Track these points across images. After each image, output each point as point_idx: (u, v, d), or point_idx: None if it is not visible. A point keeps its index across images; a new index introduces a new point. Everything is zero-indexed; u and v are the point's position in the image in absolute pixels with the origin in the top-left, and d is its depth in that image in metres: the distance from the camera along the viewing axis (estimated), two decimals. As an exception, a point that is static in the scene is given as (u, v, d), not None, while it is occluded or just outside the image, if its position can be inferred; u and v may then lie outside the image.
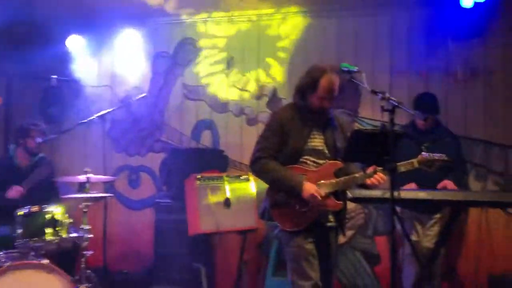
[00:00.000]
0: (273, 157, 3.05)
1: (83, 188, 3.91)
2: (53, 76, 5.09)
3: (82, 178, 3.91)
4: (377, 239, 4.75)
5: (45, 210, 3.74)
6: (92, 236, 3.86)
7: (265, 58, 5.14)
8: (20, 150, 4.44)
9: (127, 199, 5.46)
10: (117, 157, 5.45)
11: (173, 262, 4.58)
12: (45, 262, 3.55)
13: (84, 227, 3.82)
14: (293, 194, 3.00)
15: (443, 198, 3.55)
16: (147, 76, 5.44)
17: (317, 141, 3.09)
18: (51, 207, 3.76)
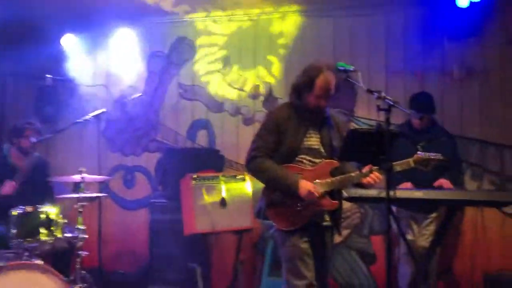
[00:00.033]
0: (269, 156, 3.04)
1: (78, 188, 3.89)
2: (48, 76, 5.06)
3: (77, 178, 3.90)
4: (373, 239, 4.75)
5: (40, 210, 3.72)
6: (87, 236, 3.84)
7: (261, 58, 5.13)
8: (14, 150, 4.41)
9: (122, 199, 5.44)
10: (112, 157, 5.43)
11: (169, 262, 4.56)
12: (40, 263, 3.53)
13: (79, 227, 3.81)
14: (289, 193, 2.99)
15: (439, 198, 3.55)
16: (143, 76, 5.43)
17: (313, 140, 3.08)
18: (46, 207, 3.75)
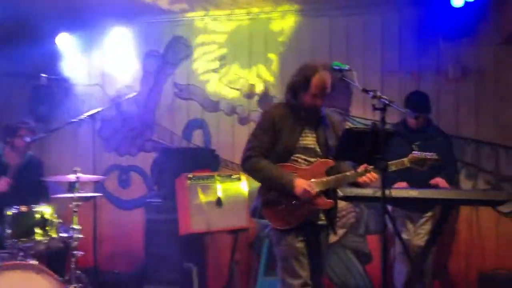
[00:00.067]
0: (264, 156, 3.03)
1: (73, 188, 3.88)
2: (43, 75, 5.05)
3: (72, 178, 3.88)
4: (369, 238, 4.75)
5: (35, 210, 3.71)
6: (82, 236, 3.83)
7: (257, 57, 5.12)
8: (8, 149, 4.39)
9: (118, 199, 5.42)
10: (107, 157, 5.41)
11: (164, 262, 4.55)
12: (34, 263, 3.52)
13: (74, 227, 3.79)
14: (285, 192, 2.99)
15: (434, 197, 3.55)
16: (138, 75, 5.41)
17: (309, 139, 3.08)
18: (41, 207, 3.73)
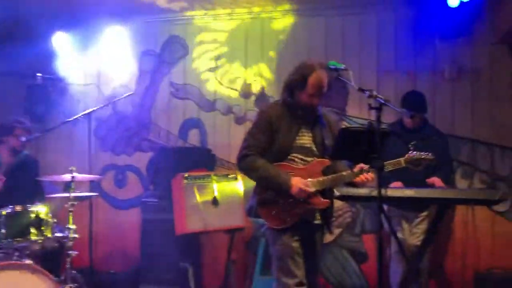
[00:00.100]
0: (260, 155, 3.03)
1: (68, 187, 3.86)
2: (38, 74, 5.02)
3: (68, 177, 3.86)
4: (365, 237, 4.76)
5: (30, 210, 3.69)
6: (78, 236, 3.82)
7: (253, 57, 5.12)
8: (3, 148, 4.36)
9: (114, 199, 5.41)
10: (103, 156, 5.40)
11: (160, 262, 4.54)
12: (29, 263, 3.50)
13: (70, 227, 3.78)
14: (281, 192, 2.98)
15: (430, 196, 3.56)
16: (134, 75, 5.40)
17: (306, 139, 3.08)
18: (36, 207, 3.71)
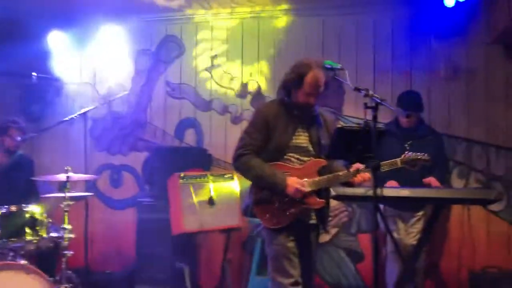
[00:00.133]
0: (256, 154, 3.02)
1: (64, 187, 3.84)
2: (33, 73, 4.99)
3: (63, 177, 3.85)
4: (360, 237, 4.76)
5: (25, 210, 3.67)
6: (73, 236, 3.80)
7: (250, 56, 5.11)
8: (-2, 148, 4.36)
9: (109, 199, 5.39)
10: (99, 156, 5.38)
11: (156, 262, 4.53)
12: (24, 263, 3.48)
13: (65, 227, 3.76)
14: (277, 191, 2.98)
15: (426, 196, 3.56)
16: (130, 74, 5.38)
17: (302, 138, 3.07)
18: (31, 207, 3.70)
